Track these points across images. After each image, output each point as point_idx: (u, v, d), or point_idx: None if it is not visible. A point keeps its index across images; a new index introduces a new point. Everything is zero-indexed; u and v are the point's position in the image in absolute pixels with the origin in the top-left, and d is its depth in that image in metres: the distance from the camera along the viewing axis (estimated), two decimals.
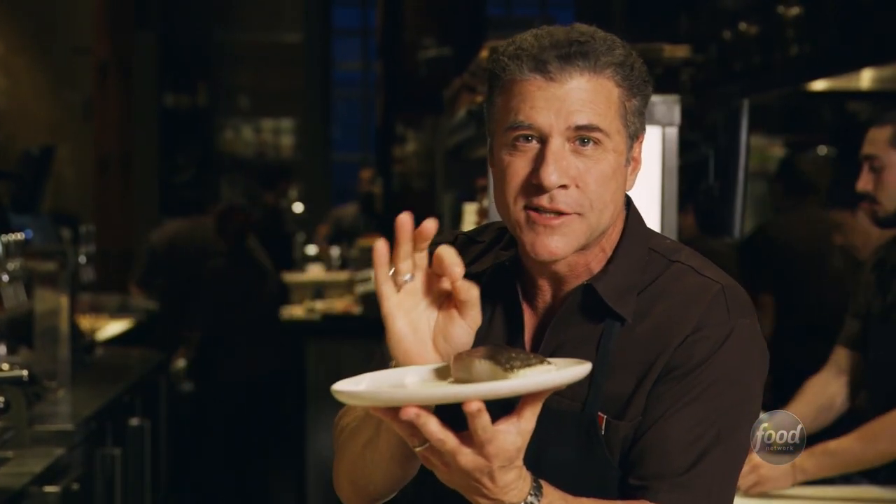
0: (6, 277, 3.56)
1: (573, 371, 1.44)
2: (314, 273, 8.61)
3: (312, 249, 9.77)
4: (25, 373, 3.39)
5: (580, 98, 1.62)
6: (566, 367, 1.45)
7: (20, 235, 3.74)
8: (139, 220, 8.67)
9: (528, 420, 1.43)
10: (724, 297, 1.66)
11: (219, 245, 6.83)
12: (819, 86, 4.87)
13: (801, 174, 5.58)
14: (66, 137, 8.93)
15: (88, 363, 5.04)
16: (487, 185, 3.29)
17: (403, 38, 7.59)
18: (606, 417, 1.64)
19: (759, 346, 1.68)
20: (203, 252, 6.91)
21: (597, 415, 1.64)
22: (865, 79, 4.61)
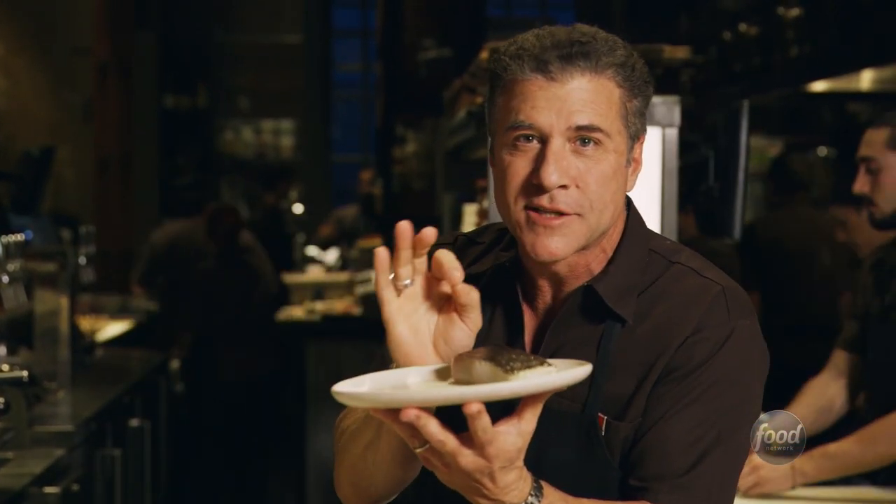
0: (6, 278, 3.56)
1: (573, 373, 1.44)
2: (314, 274, 8.61)
3: (313, 250, 9.77)
4: (25, 374, 3.39)
5: (581, 98, 1.62)
6: (566, 369, 1.46)
7: (20, 236, 3.73)
8: (139, 221, 8.66)
9: (529, 421, 1.44)
10: (725, 299, 1.66)
11: (209, 246, 6.83)
12: (819, 87, 4.87)
13: (792, 173, 5.61)
14: (66, 138, 8.93)
15: (88, 364, 5.04)
16: (487, 187, 3.28)
17: (403, 39, 7.59)
18: (607, 418, 1.64)
19: (760, 348, 1.68)
20: (202, 253, 6.91)
21: (597, 416, 1.64)
22: (865, 80, 4.61)
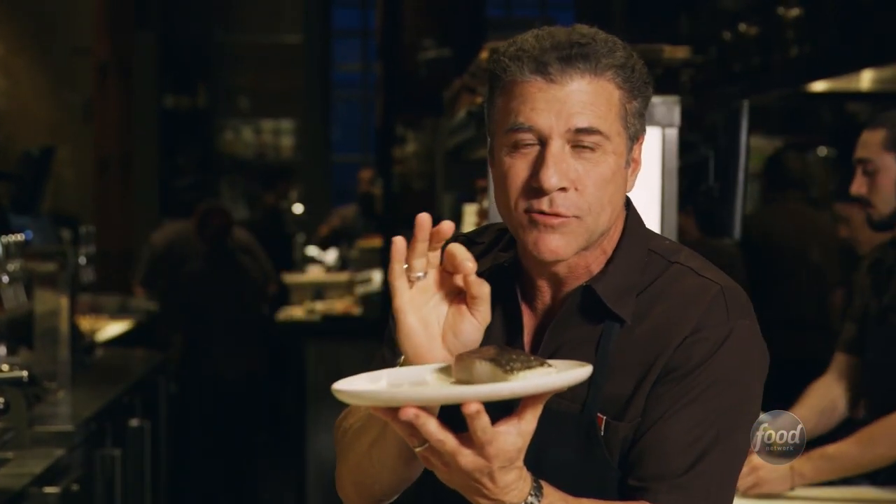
0: (6, 278, 3.56)
1: (573, 374, 1.44)
2: (314, 274, 8.62)
3: (312, 250, 9.77)
4: (25, 374, 3.39)
5: (581, 100, 1.62)
6: (567, 370, 1.46)
7: (20, 236, 3.74)
8: (139, 221, 8.67)
9: (529, 421, 1.43)
10: (724, 298, 1.66)
11: (198, 247, 6.85)
12: (819, 87, 4.87)
13: (786, 170, 5.66)
14: (66, 138, 8.93)
15: (88, 364, 5.05)
16: (487, 187, 3.28)
17: (403, 39, 7.58)
18: (606, 418, 1.64)
19: (759, 347, 1.68)
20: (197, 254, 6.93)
21: (596, 416, 1.64)
22: (865, 80, 4.61)
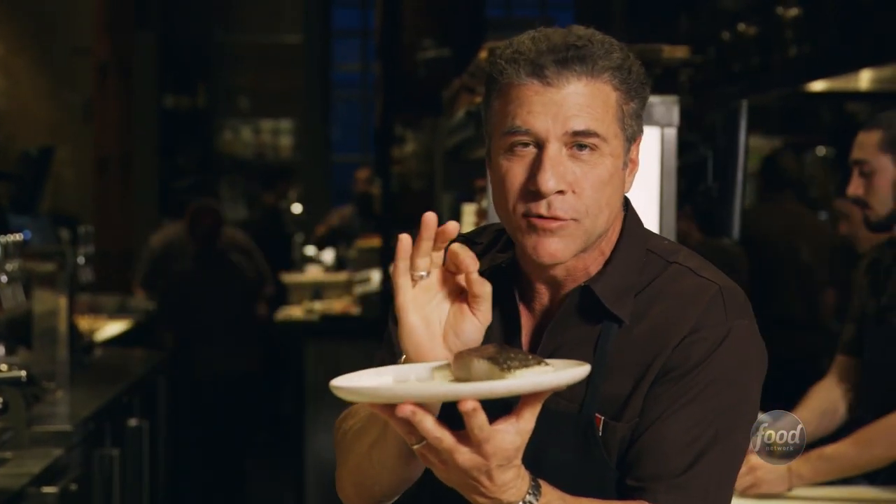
0: (5, 278, 3.56)
1: (570, 373, 1.44)
2: (313, 274, 8.61)
3: (311, 250, 9.77)
4: (24, 373, 3.39)
5: (577, 103, 1.62)
6: (564, 369, 1.46)
7: (19, 236, 3.74)
8: (138, 221, 8.66)
9: (527, 420, 1.44)
10: (722, 298, 1.66)
11: (189, 246, 6.85)
12: (818, 86, 4.88)
13: (782, 170, 5.70)
14: (66, 138, 8.93)
15: (87, 364, 5.05)
16: (486, 187, 3.28)
17: (402, 39, 7.58)
18: (604, 419, 1.64)
19: (757, 347, 1.68)
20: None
21: (594, 416, 1.64)
22: (864, 79, 4.62)
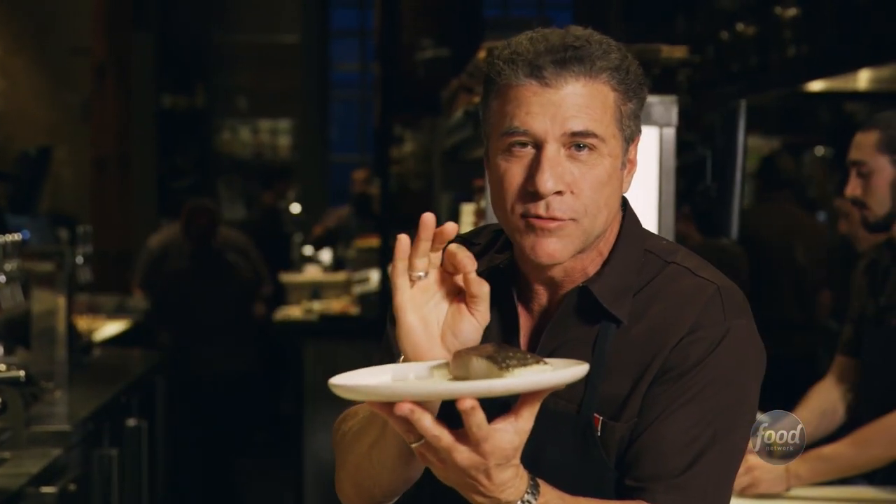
0: (3, 278, 3.56)
1: (569, 372, 1.44)
2: (311, 274, 8.61)
3: (309, 250, 9.76)
4: (22, 373, 3.39)
5: (576, 104, 1.62)
6: (563, 368, 1.46)
7: (17, 236, 3.74)
8: (137, 221, 8.66)
9: (526, 419, 1.44)
10: (720, 298, 1.66)
11: (184, 246, 6.84)
12: (816, 86, 4.88)
13: (779, 171, 5.73)
14: (64, 138, 8.93)
15: (86, 364, 5.04)
16: (485, 187, 3.28)
17: (401, 40, 7.58)
18: (602, 419, 1.64)
19: (756, 347, 1.68)
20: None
21: (593, 416, 1.64)
22: (863, 79, 4.61)
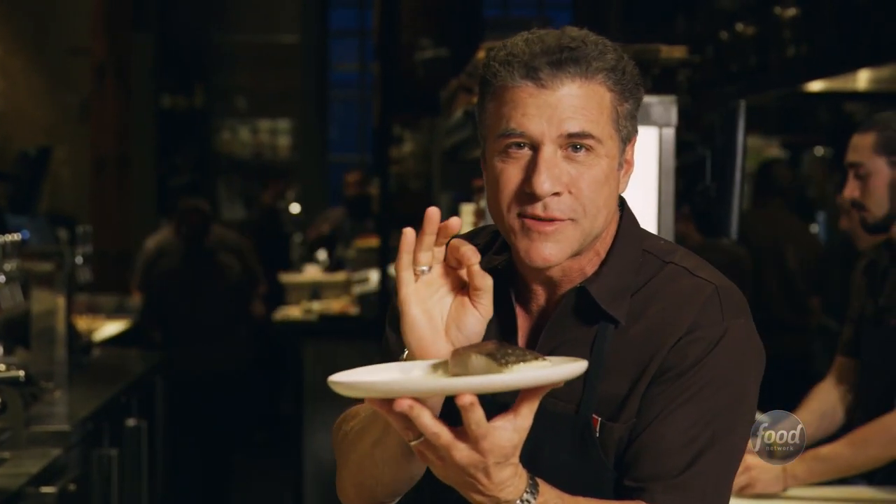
0: (3, 278, 3.57)
1: (567, 368, 1.44)
2: (311, 274, 8.61)
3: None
4: (22, 373, 3.39)
5: (572, 105, 1.62)
6: (562, 365, 1.46)
7: (17, 236, 3.74)
8: (136, 221, 8.66)
9: (525, 417, 1.44)
10: (719, 298, 1.66)
11: (178, 245, 6.85)
12: (816, 87, 4.87)
13: (774, 179, 5.82)
14: (63, 138, 8.93)
15: (85, 364, 5.04)
16: (484, 187, 3.28)
17: (400, 40, 7.58)
18: (601, 419, 1.64)
19: (755, 347, 1.68)
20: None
21: (591, 417, 1.64)
22: (862, 80, 4.61)
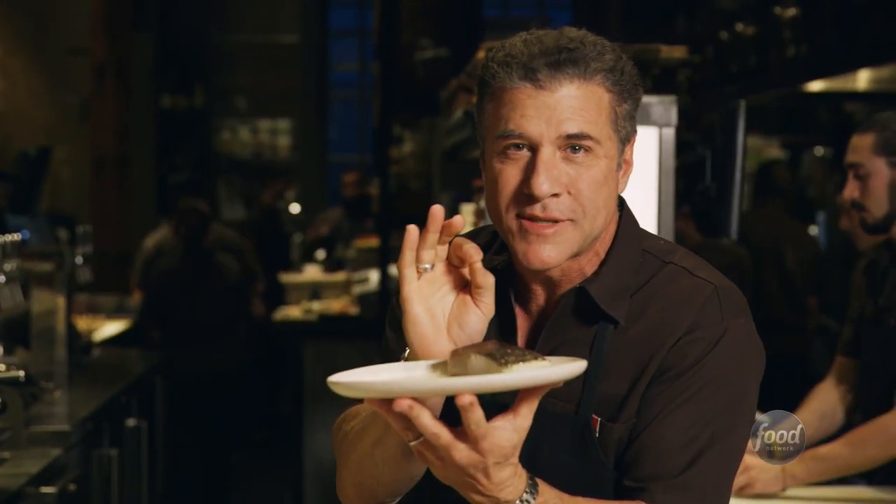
0: (3, 278, 3.57)
1: (566, 368, 1.44)
2: (311, 274, 8.61)
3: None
4: (22, 373, 3.39)
5: (570, 106, 1.61)
6: (561, 364, 1.46)
7: (17, 236, 3.74)
8: (136, 221, 8.66)
9: (525, 417, 1.44)
10: (718, 298, 1.66)
11: (177, 246, 6.85)
12: (816, 87, 4.87)
13: (773, 180, 5.84)
14: (63, 138, 8.93)
15: (85, 364, 5.04)
16: (483, 187, 3.28)
17: (400, 40, 7.57)
18: (600, 420, 1.64)
19: (755, 347, 1.68)
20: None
21: (591, 417, 1.64)
22: (862, 80, 4.61)
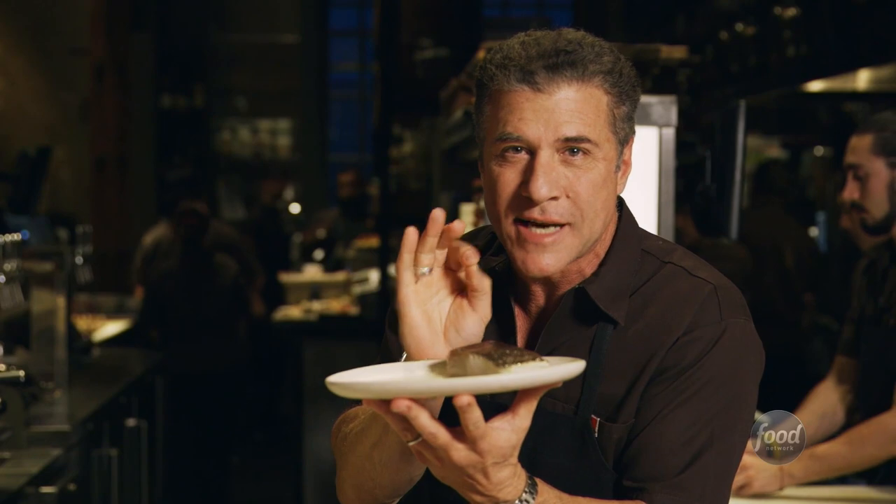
0: (3, 278, 3.57)
1: (565, 368, 1.44)
2: (311, 273, 8.61)
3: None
4: (22, 373, 3.39)
5: (569, 109, 1.61)
6: (559, 365, 1.46)
7: (17, 236, 3.74)
8: (136, 221, 8.67)
9: (523, 417, 1.44)
10: (717, 298, 1.66)
11: (175, 246, 6.86)
12: (816, 87, 4.88)
13: (772, 179, 5.86)
14: (63, 138, 8.93)
15: (85, 364, 5.05)
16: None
17: (400, 40, 7.57)
18: (600, 420, 1.64)
19: (754, 346, 1.67)
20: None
21: (590, 417, 1.64)
22: (862, 80, 4.62)
